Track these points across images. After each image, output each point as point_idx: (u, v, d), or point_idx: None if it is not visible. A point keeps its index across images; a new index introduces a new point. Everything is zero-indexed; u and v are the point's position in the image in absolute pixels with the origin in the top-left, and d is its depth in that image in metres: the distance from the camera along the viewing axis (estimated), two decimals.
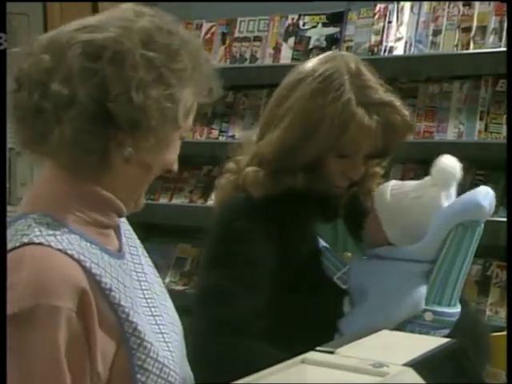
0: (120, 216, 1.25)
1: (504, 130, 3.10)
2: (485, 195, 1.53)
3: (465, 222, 1.52)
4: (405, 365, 0.86)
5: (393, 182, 1.61)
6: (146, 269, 1.32)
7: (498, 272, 3.18)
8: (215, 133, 3.84)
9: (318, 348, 0.91)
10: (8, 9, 3.17)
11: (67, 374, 1.09)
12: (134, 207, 1.27)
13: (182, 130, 1.23)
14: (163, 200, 3.92)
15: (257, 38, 3.73)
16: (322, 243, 1.60)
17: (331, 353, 0.91)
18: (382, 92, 1.58)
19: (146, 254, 1.36)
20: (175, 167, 1.26)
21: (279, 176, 1.59)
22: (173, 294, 1.39)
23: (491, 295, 3.14)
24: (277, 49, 3.66)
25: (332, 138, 1.55)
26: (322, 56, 1.65)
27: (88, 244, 1.17)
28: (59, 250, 1.12)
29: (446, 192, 1.54)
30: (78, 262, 1.13)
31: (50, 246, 1.12)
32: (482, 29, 3.19)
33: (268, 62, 3.65)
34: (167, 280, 3.87)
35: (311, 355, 0.90)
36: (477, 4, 3.22)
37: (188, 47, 1.21)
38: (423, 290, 1.51)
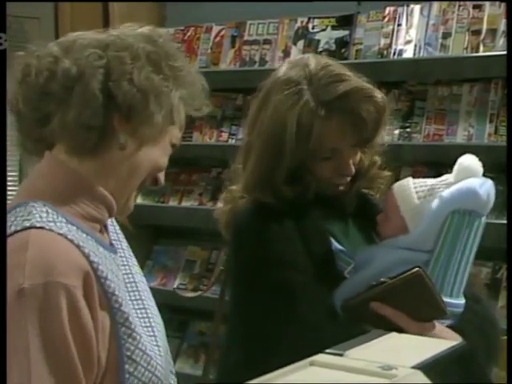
0: (110, 214, 1.29)
1: None
2: (481, 183, 1.52)
3: (460, 210, 1.51)
4: (414, 367, 0.86)
5: (411, 181, 1.58)
6: (134, 267, 1.36)
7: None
8: (225, 135, 3.84)
9: (326, 350, 0.91)
10: (19, 13, 3.19)
11: (74, 349, 1.10)
12: (124, 209, 1.30)
13: (172, 134, 1.28)
14: (173, 202, 3.92)
15: (266, 41, 3.74)
16: (334, 243, 1.59)
17: (340, 355, 0.91)
18: (347, 82, 1.55)
19: (132, 254, 1.39)
20: (162, 179, 1.31)
21: (271, 204, 1.56)
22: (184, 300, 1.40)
23: (501, 298, 3.13)
24: (286, 52, 3.66)
25: (302, 147, 1.53)
26: (284, 65, 1.65)
27: (84, 235, 1.20)
28: (60, 234, 1.15)
29: None
30: (78, 247, 1.15)
31: (51, 231, 1.15)
32: (492, 31, 3.18)
33: (277, 65, 3.63)
34: (176, 283, 3.88)
35: (320, 357, 0.90)
36: (487, 6, 3.22)
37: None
38: None
